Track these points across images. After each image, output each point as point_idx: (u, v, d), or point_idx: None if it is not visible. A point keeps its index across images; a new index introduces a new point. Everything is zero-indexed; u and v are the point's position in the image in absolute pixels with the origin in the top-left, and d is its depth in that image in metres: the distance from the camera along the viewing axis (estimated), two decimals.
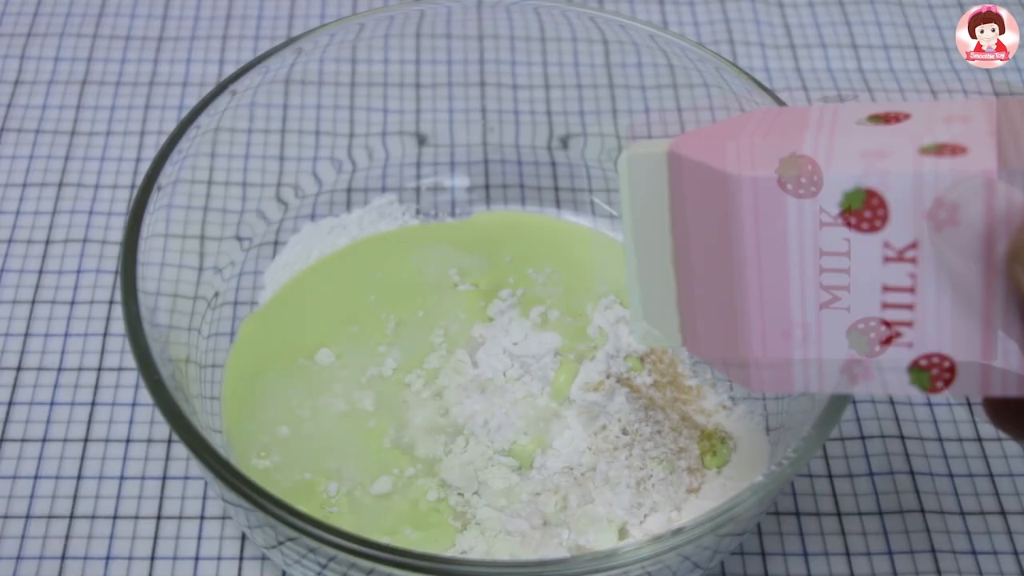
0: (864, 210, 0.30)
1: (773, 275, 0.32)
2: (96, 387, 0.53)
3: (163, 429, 0.52)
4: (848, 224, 0.30)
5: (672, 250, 0.35)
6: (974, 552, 0.49)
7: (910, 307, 0.31)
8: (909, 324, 0.31)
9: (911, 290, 0.30)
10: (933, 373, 0.31)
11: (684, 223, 0.34)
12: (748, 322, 0.33)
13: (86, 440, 0.51)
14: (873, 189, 0.30)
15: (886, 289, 0.31)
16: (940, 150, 0.30)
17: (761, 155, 0.32)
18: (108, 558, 0.48)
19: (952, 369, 0.31)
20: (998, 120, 0.31)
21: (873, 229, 0.30)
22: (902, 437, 0.53)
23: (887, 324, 0.31)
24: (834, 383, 0.32)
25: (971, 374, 0.31)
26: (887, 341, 0.31)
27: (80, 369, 0.54)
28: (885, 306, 0.31)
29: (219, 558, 0.48)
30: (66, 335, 0.55)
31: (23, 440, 0.51)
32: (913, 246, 0.30)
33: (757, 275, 0.32)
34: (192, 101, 0.65)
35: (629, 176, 0.35)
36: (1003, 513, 0.50)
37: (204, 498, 0.50)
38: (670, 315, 0.36)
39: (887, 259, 0.30)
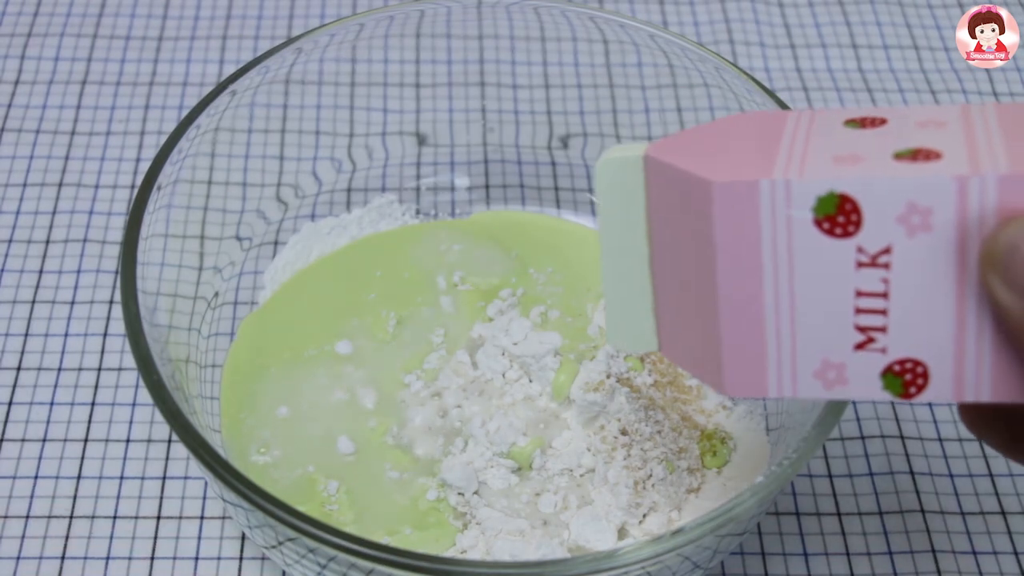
0: (837, 215, 0.30)
1: (747, 280, 0.32)
2: (96, 387, 0.53)
3: (163, 429, 0.52)
4: (821, 229, 0.30)
5: (648, 255, 0.35)
6: (974, 552, 0.49)
7: (883, 312, 0.31)
8: (882, 329, 0.31)
9: (884, 295, 0.30)
10: (906, 379, 0.31)
11: (660, 228, 0.34)
12: (722, 327, 0.33)
13: (86, 440, 0.51)
14: (847, 194, 0.30)
15: (859, 294, 0.31)
16: (915, 155, 0.30)
17: (741, 162, 0.32)
18: (108, 558, 0.48)
19: (925, 375, 0.31)
20: (973, 125, 0.31)
21: (846, 234, 0.30)
22: (902, 437, 0.53)
23: (860, 329, 0.31)
24: (807, 388, 0.32)
25: (944, 380, 0.31)
26: (860, 346, 0.31)
27: (80, 369, 0.54)
28: (858, 311, 0.31)
29: (219, 558, 0.48)
30: (66, 335, 0.55)
31: (23, 440, 0.51)
32: (886, 251, 0.30)
33: (731, 280, 0.32)
34: (192, 101, 0.65)
35: (606, 180, 0.35)
36: (1003, 513, 0.50)
37: (204, 498, 0.50)
38: (646, 319, 0.36)
39: (860, 264, 0.30)
